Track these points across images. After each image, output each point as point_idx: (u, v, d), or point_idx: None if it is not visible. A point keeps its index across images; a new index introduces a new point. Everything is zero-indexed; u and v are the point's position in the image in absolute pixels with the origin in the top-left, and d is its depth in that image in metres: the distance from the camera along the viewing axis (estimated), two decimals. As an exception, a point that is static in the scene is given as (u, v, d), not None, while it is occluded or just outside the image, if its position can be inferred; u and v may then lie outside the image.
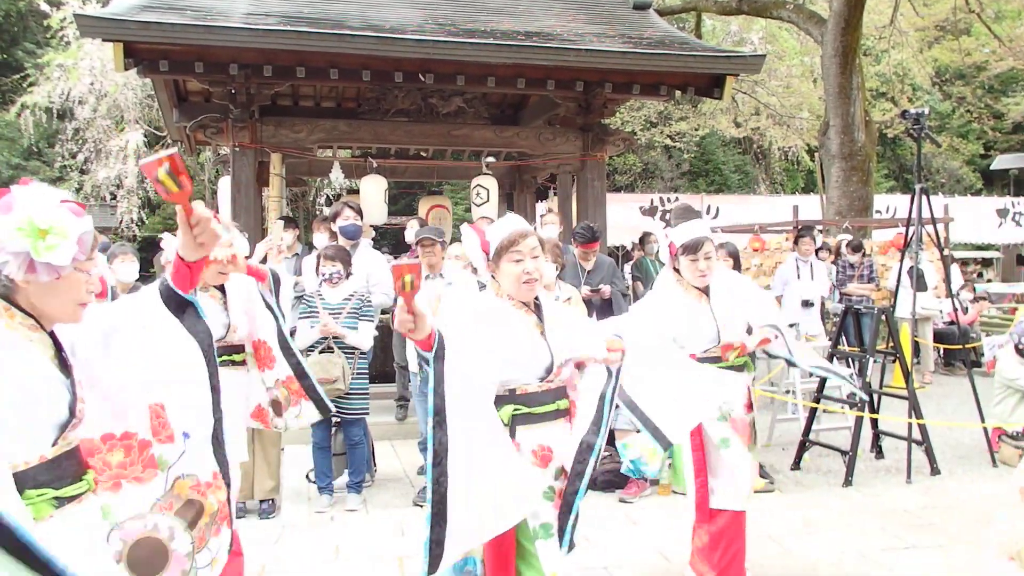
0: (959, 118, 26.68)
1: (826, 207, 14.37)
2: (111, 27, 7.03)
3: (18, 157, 22.96)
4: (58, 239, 1.94)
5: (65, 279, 2.02)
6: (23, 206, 1.93)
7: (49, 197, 2.00)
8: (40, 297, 2.02)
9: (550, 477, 2.99)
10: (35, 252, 1.92)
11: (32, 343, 2.04)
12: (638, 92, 8.71)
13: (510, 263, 2.93)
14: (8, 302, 2.02)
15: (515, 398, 2.97)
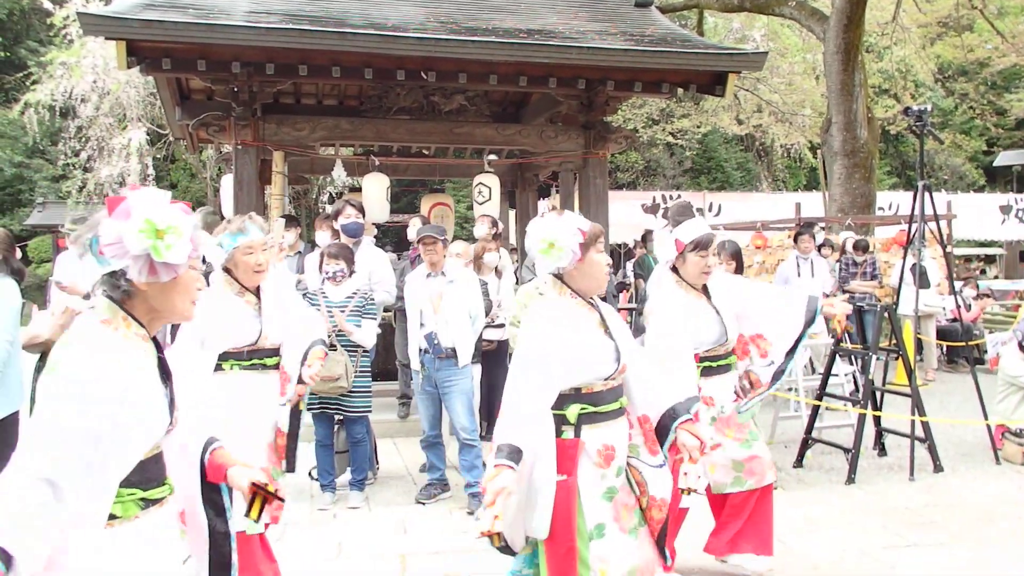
0: (962, 114, 26.66)
1: (828, 204, 14.35)
2: (114, 25, 7.03)
3: (21, 155, 23.00)
4: (175, 238, 1.98)
5: (181, 277, 2.06)
6: (140, 209, 1.96)
7: (161, 198, 2.03)
8: (159, 298, 2.06)
9: (611, 477, 3.04)
10: (155, 253, 1.95)
11: (145, 353, 2.09)
12: (640, 90, 8.70)
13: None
14: (123, 310, 2.06)
15: (581, 397, 3.03)
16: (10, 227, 14.24)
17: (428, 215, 11.06)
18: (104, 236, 1.96)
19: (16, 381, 5.56)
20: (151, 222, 1.95)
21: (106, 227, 1.96)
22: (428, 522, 5.53)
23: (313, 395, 5.75)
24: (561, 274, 3.09)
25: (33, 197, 22.31)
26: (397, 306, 7.40)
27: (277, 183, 8.58)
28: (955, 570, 4.51)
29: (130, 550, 2.03)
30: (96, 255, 2.01)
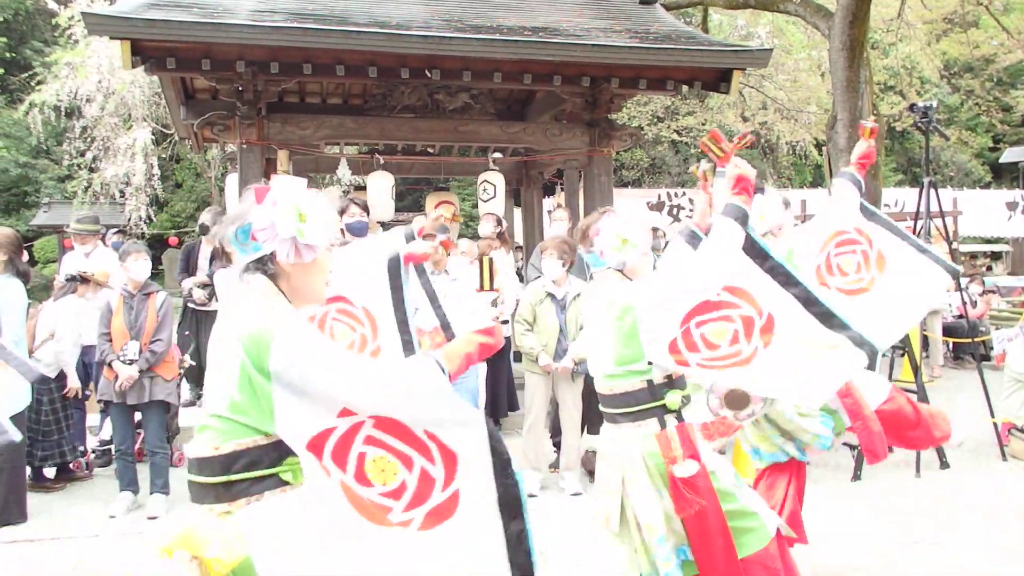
0: (968, 111, 26.59)
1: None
2: (118, 25, 7.04)
3: (27, 155, 23.05)
4: (315, 222, 2.16)
5: (319, 259, 2.22)
6: (286, 196, 2.14)
7: (300, 185, 2.22)
8: (300, 279, 2.21)
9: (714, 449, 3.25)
10: (300, 235, 2.13)
11: None
12: (645, 87, 8.68)
13: None
14: (277, 287, 2.20)
15: (673, 384, 3.21)
16: (16, 228, 14.27)
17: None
18: (257, 222, 2.12)
19: (21, 380, 5.57)
20: (297, 207, 2.12)
21: (258, 214, 2.13)
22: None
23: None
24: (623, 268, 3.27)
25: (39, 198, 22.34)
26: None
27: (282, 182, 8.58)
28: (961, 567, 4.51)
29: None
30: (241, 244, 2.16)
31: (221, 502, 2.08)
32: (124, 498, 5.78)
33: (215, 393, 2.13)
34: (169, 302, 5.97)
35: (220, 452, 2.08)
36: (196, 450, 2.13)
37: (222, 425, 2.08)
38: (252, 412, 2.06)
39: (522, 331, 6.18)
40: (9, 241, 5.59)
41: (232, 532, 2.03)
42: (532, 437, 6.23)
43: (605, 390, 3.25)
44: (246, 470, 2.07)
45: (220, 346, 2.15)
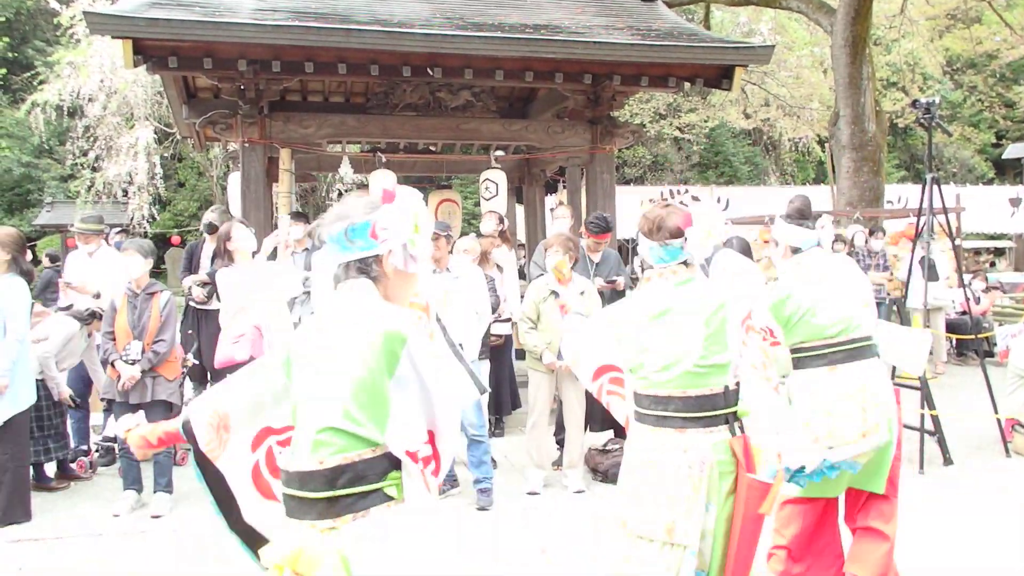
0: (970, 107, 26.54)
1: (837, 198, 14.31)
2: (120, 24, 7.04)
3: (29, 155, 23.07)
4: (424, 234, 2.22)
5: (416, 273, 2.25)
6: (409, 203, 2.20)
7: (418, 197, 2.27)
8: (398, 288, 2.23)
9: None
10: (411, 244, 2.19)
11: None
12: (647, 84, 8.68)
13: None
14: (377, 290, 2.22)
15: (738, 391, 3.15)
16: (19, 227, 14.28)
17: (436, 212, 11.06)
18: (381, 222, 2.15)
19: (26, 381, 5.59)
20: (416, 216, 2.19)
21: (384, 214, 2.16)
22: (435, 517, 5.52)
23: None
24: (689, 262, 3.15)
25: (42, 197, 22.37)
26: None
27: (284, 181, 8.59)
28: (965, 564, 4.50)
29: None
30: (349, 242, 2.17)
31: (325, 518, 2.03)
32: (128, 497, 5.79)
33: (322, 406, 2.07)
34: (172, 302, 5.97)
35: (325, 466, 2.02)
36: (298, 464, 2.08)
37: (329, 438, 2.03)
38: (366, 420, 2.03)
39: (525, 329, 6.18)
40: (12, 240, 5.60)
41: (338, 553, 1.99)
42: (535, 435, 6.23)
43: (675, 391, 3.02)
44: (351, 485, 2.02)
45: (329, 354, 2.10)
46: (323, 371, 2.09)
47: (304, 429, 2.10)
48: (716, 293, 3.09)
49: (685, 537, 2.91)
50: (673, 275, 3.12)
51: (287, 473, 2.12)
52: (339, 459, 2.02)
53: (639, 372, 3.15)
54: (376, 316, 2.07)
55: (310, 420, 2.08)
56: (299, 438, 2.11)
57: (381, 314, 2.08)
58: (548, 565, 4.69)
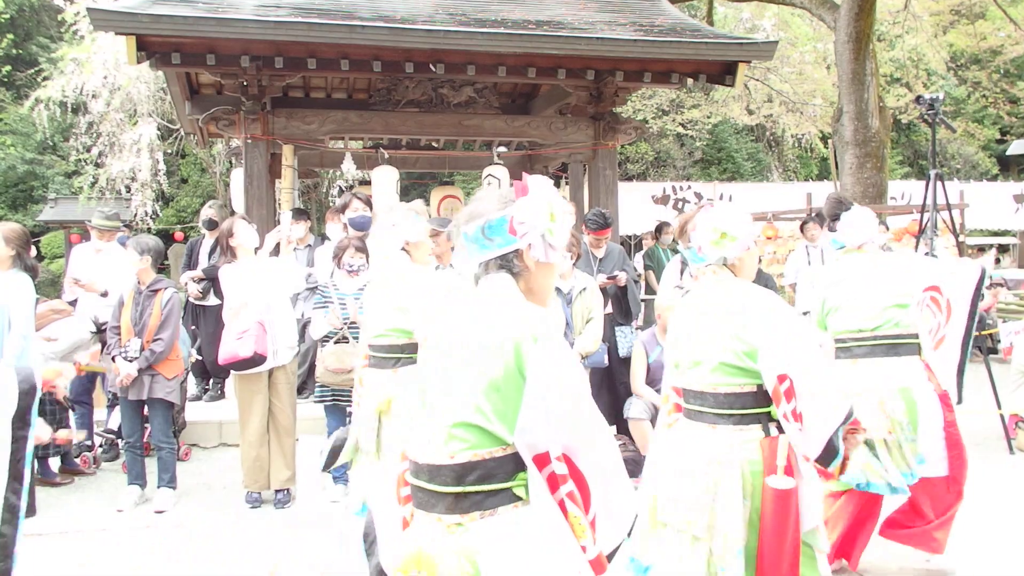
0: (974, 103, 26.49)
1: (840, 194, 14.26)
2: (123, 20, 7.06)
3: (33, 151, 23.09)
4: (560, 222, 2.18)
5: (555, 264, 2.23)
6: (543, 194, 2.18)
7: (550, 184, 2.24)
8: (540, 280, 2.20)
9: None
10: (549, 234, 2.16)
11: None
12: (649, 80, 8.68)
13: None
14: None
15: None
16: (23, 223, 14.29)
17: (438, 208, 11.06)
18: (518, 216, 2.13)
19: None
20: (550, 205, 2.16)
21: (519, 208, 2.14)
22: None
23: (325, 387, 5.78)
24: (726, 263, 3.16)
25: (45, 193, 22.38)
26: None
27: (287, 177, 8.60)
28: (969, 560, 4.50)
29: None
30: (486, 239, 2.15)
31: (452, 513, 2.03)
32: (132, 492, 5.81)
33: (456, 401, 2.07)
34: (175, 299, 5.96)
35: (455, 461, 2.02)
36: (429, 457, 2.08)
37: (461, 433, 2.03)
38: (497, 419, 2.02)
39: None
40: (17, 236, 5.60)
41: (462, 552, 1.98)
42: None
43: (707, 388, 3.03)
44: (480, 483, 2.02)
45: (466, 351, 2.10)
46: (458, 366, 2.09)
47: (435, 422, 2.11)
48: (741, 295, 3.04)
49: (700, 529, 2.92)
50: (713, 275, 3.16)
51: (416, 464, 2.13)
52: (469, 455, 2.02)
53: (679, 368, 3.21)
54: (513, 316, 2.06)
55: (442, 414, 2.09)
56: (430, 430, 2.12)
57: (518, 315, 2.07)
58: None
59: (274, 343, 5.68)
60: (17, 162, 22.77)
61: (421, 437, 2.14)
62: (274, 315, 5.70)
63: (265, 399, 5.76)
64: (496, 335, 2.03)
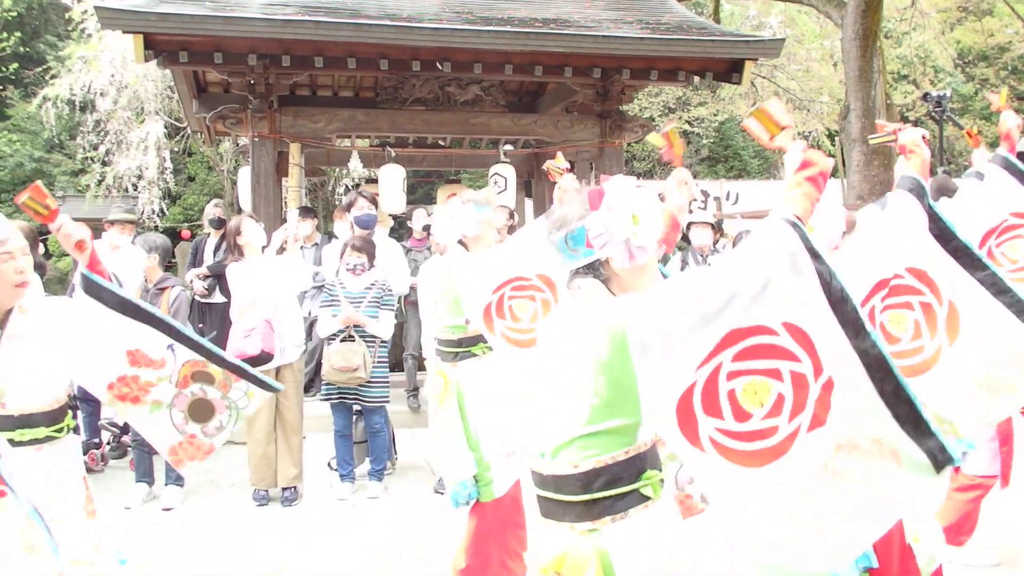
0: (982, 100, 26.38)
1: (847, 192, 14.25)
2: (131, 19, 7.08)
3: (41, 149, 23.16)
4: (647, 223, 2.13)
5: (649, 261, 2.18)
6: (621, 199, 2.10)
7: (632, 184, 2.18)
8: (631, 282, 2.16)
9: None
10: (634, 237, 2.10)
11: None
12: (656, 78, 8.67)
13: None
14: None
15: None
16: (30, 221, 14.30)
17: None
18: (593, 228, 2.08)
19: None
20: (632, 209, 2.09)
21: (593, 220, 2.08)
22: (446, 511, 5.55)
23: (331, 385, 5.79)
24: None
25: (53, 191, 22.43)
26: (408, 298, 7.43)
27: (294, 175, 8.62)
28: (974, 556, 4.49)
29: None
30: (571, 250, 2.12)
31: (583, 520, 2.04)
32: (139, 490, 5.83)
33: (567, 414, 2.08)
34: (183, 297, 5.98)
35: (579, 470, 2.03)
36: (552, 468, 2.09)
37: (581, 442, 2.04)
38: (614, 423, 2.02)
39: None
40: (26, 235, 5.63)
41: (599, 554, 1.99)
42: (544, 429, 6.23)
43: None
44: (607, 488, 2.02)
45: (566, 363, 2.10)
46: (563, 380, 2.10)
47: (550, 434, 2.12)
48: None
49: None
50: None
51: (540, 476, 2.14)
52: (592, 463, 2.02)
53: None
54: (599, 315, 2.05)
55: (556, 427, 2.10)
56: (547, 442, 2.13)
57: (603, 312, 2.05)
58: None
59: (281, 341, 5.69)
60: (25, 159, 22.85)
61: (542, 449, 2.14)
62: (281, 313, 5.71)
63: (272, 397, 5.77)
64: (589, 340, 2.03)
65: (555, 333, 2.18)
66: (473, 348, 3.97)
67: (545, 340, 2.22)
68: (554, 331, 2.19)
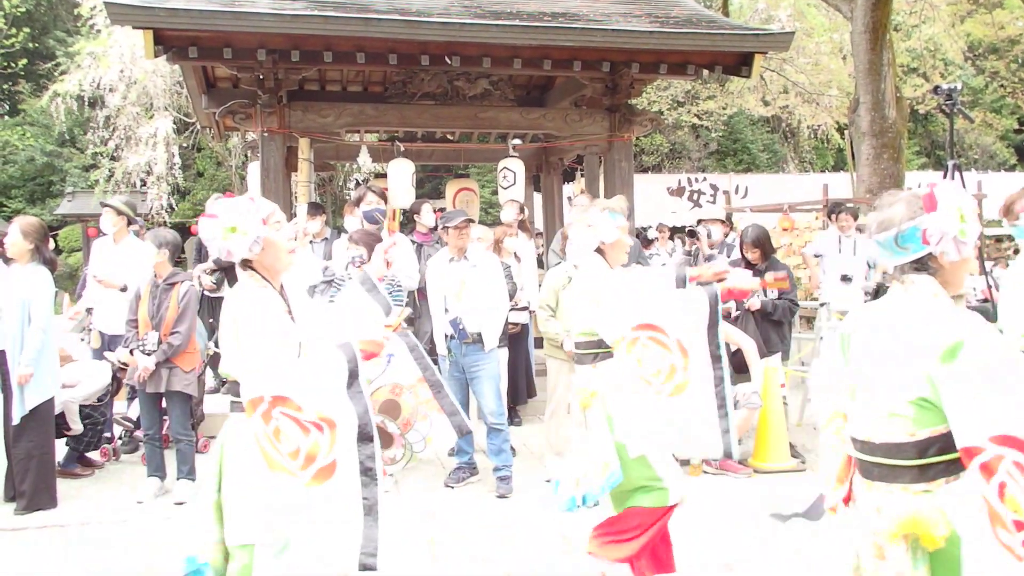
0: (992, 93, 26.25)
1: (856, 185, 14.20)
2: (140, 14, 7.09)
3: (52, 144, 23.25)
4: (971, 220, 2.34)
5: (970, 256, 2.39)
6: (950, 201, 2.32)
7: (959, 188, 2.45)
8: (955, 273, 2.40)
9: None
10: (961, 235, 2.32)
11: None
12: (665, 72, 8.64)
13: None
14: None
15: None
16: (41, 216, 14.36)
17: (453, 200, 11.07)
18: (930, 228, 2.32)
19: (50, 370, 5.65)
20: (959, 209, 2.31)
21: (930, 221, 2.32)
22: (457, 506, 5.57)
23: (341, 380, 5.79)
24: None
25: (63, 187, 22.51)
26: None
27: (303, 170, 8.63)
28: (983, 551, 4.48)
29: None
30: (899, 248, 2.37)
31: (918, 482, 2.27)
32: (151, 484, 5.86)
33: (897, 391, 2.29)
34: (192, 292, 6.00)
35: (916, 438, 2.27)
36: (885, 436, 2.32)
37: (915, 414, 2.26)
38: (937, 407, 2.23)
39: (545, 317, 6.18)
40: (35, 230, 5.65)
41: (940, 512, 2.23)
42: (554, 422, 6.24)
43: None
44: (940, 454, 2.25)
45: (899, 346, 2.31)
46: (894, 360, 2.32)
47: (878, 406, 2.35)
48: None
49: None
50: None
51: (871, 444, 2.37)
52: (928, 432, 2.25)
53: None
54: (940, 320, 2.26)
55: (887, 399, 2.32)
56: (874, 413, 2.36)
57: (945, 319, 2.26)
58: (567, 550, 4.71)
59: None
60: (36, 155, 22.94)
61: (870, 419, 2.38)
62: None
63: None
64: (925, 336, 2.24)
65: (893, 319, 2.37)
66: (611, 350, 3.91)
67: (878, 322, 2.43)
68: (892, 316, 2.38)
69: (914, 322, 2.30)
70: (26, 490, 5.51)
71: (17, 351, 5.48)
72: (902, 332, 2.31)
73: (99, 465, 6.59)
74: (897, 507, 2.28)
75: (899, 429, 2.28)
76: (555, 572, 4.48)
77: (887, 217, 2.41)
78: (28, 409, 5.48)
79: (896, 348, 2.32)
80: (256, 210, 2.99)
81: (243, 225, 2.94)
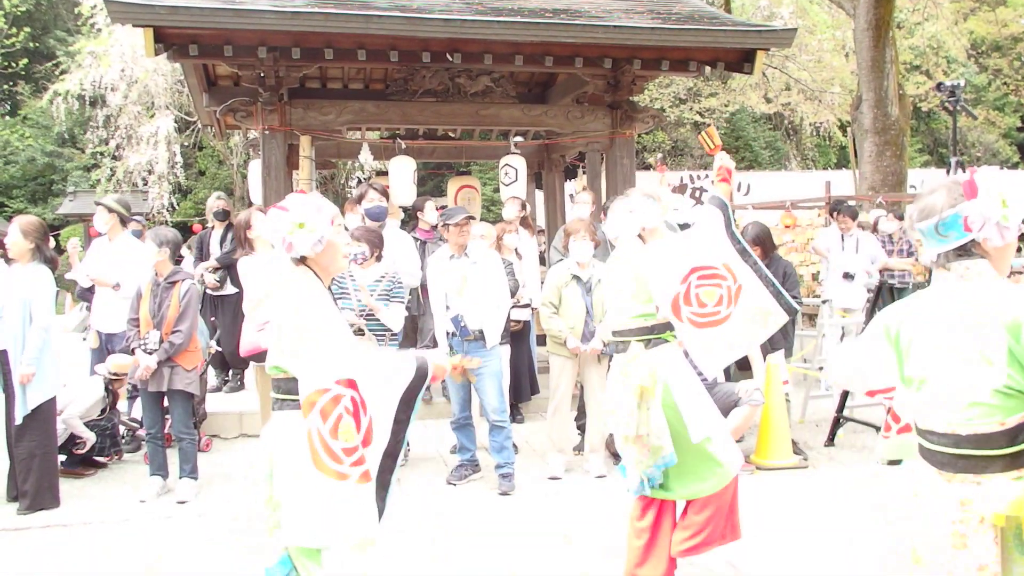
0: (995, 90, 26.23)
1: (859, 182, 14.18)
2: (141, 12, 7.07)
3: (52, 144, 23.25)
4: (1014, 205, 2.34)
5: (1013, 239, 2.39)
6: (993, 187, 2.32)
7: (1008, 176, 2.41)
8: (1003, 258, 2.40)
9: None
10: (1004, 220, 2.32)
11: None
12: (667, 68, 8.62)
13: None
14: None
15: None
16: (42, 216, 14.38)
17: (455, 198, 11.05)
18: (971, 216, 2.31)
19: (52, 369, 5.64)
20: (1001, 195, 2.30)
21: (971, 208, 2.31)
22: (459, 503, 5.55)
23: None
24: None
25: (64, 186, 22.53)
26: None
27: (305, 168, 8.61)
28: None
29: None
30: (941, 236, 2.35)
31: (1011, 469, 2.25)
32: (154, 483, 5.84)
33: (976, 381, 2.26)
34: (193, 291, 5.97)
35: (1006, 427, 2.24)
36: (972, 427, 2.27)
37: (1001, 402, 2.24)
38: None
39: (548, 314, 6.17)
40: (35, 229, 5.64)
41: None
42: (557, 420, 6.23)
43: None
44: None
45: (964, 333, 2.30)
46: (970, 348, 2.28)
47: (956, 397, 2.30)
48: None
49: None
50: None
51: (955, 436, 2.30)
52: (1017, 419, 2.23)
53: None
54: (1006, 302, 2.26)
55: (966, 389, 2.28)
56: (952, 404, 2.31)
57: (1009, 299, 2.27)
58: (569, 550, 4.70)
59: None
60: (37, 155, 22.95)
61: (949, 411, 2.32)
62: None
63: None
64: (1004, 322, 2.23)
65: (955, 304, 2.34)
66: (664, 335, 4.02)
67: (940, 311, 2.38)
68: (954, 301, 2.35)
69: (985, 305, 2.27)
70: (29, 490, 5.50)
71: (19, 350, 5.47)
72: (974, 318, 2.28)
73: (102, 465, 6.58)
74: (996, 495, 2.23)
75: (986, 419, 2.25)
76: (557, 569, 4.46)
77: (927, 205, 2.40)
78: (30, 408, 5.47)
79: (968, 337, 2.28)
80: (327, 210, 3.04)
81: (312, 223, 2.99)
